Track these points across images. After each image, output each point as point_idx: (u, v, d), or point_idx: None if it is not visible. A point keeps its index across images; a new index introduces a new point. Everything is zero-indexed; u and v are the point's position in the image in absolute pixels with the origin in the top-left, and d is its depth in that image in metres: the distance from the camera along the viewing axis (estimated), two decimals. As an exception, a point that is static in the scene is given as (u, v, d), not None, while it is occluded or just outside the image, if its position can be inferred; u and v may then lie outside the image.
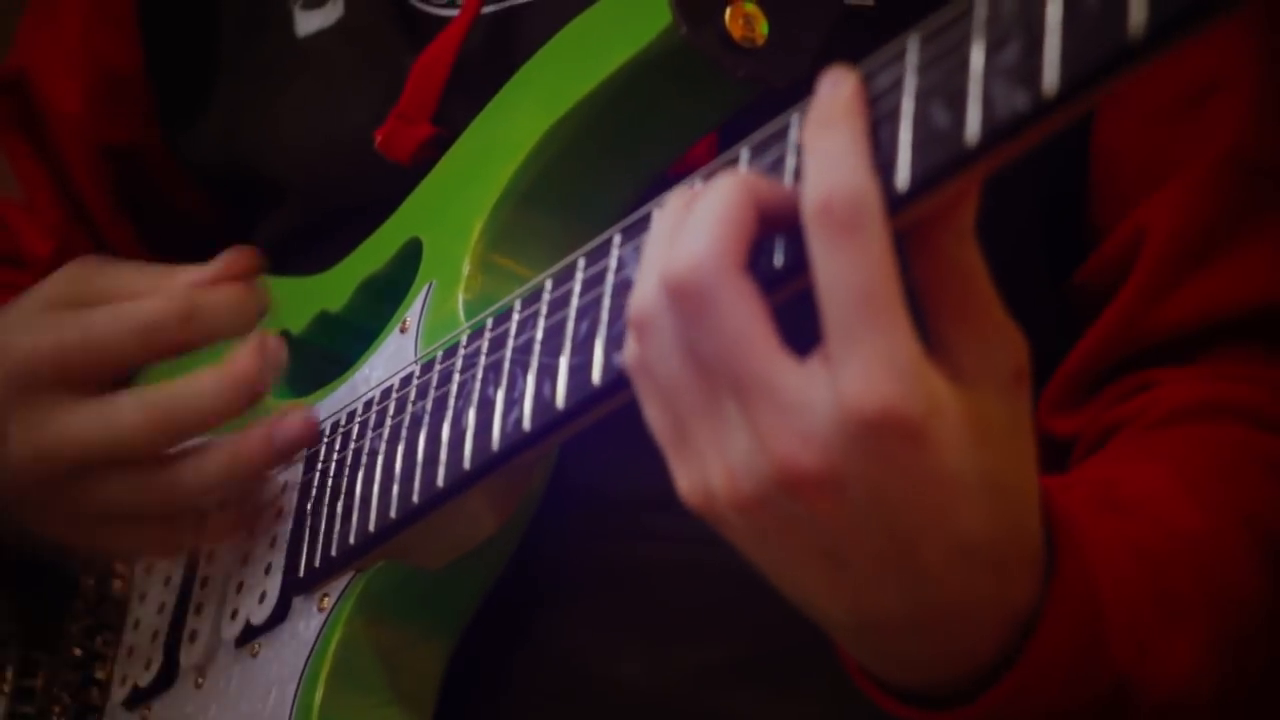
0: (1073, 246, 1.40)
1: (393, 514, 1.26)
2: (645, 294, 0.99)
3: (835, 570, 0.99)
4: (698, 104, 1.27)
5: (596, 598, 1.37)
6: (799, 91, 1.13)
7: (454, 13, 1.45)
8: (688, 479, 1.00)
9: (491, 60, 1.42)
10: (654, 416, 1.01)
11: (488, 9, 1.44)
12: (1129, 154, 1.38)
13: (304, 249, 1.52)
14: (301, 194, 1.54)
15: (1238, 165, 1.36)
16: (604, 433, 1.23)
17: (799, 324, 0.98)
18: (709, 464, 0.98)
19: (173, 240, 1.71)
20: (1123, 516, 1.17)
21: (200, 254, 1.67)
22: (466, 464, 1.20)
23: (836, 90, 0.98)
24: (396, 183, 1.42)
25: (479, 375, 1.22)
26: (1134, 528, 1.16)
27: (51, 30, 1.71)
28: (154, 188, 1.69)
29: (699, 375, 0.97)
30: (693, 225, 0.98)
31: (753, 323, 0.96)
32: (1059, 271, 1.41)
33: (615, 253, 1.14)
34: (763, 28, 1.24)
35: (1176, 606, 1.15)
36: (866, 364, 0.93)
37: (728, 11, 1.24)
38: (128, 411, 1.29)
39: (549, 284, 1.19)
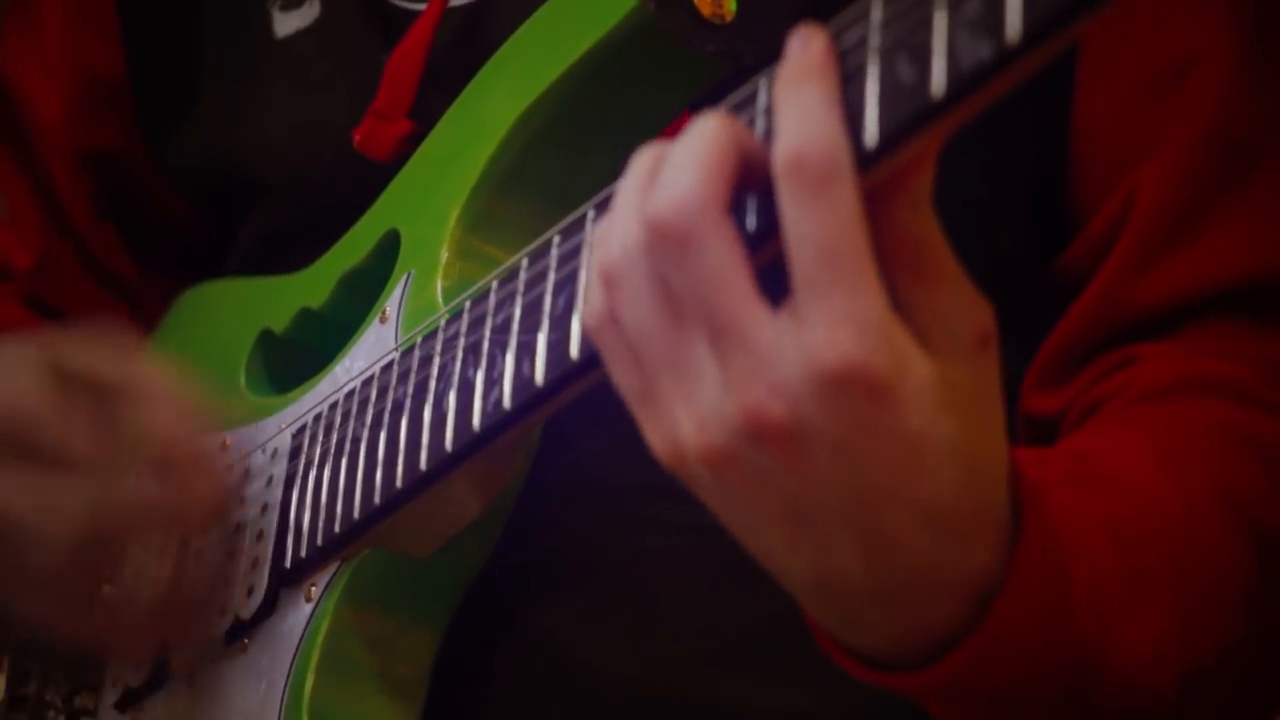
0: (1060, 229, 1.40)
1: (377, 500, 1.26)
2: (619, 242, 0.98)
3: (798, 528, 0.99)
4: (669, 83, 1.27)
5: (584, 587, 1.37)
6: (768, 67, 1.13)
7: (424, 6, 1.46)
8: (657, 434, 0.99)
9: (464, 52, 1.43)
10: (620, 373, 1.00)
11: (456, 1, 1.44)
12: (1110, 131, 1.38)
13: (288, 250, 1.52)
14: (283, 194, 1.54)
15: (1219, 140, 1.35)
16: (591, 420, 1.24)
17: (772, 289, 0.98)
18: (678, 416, 0.98)
19: (157, 247, 1.71)
20: (1096, 491, 1.16)
21: (183, 260, 1.68)
22: (448, 446, 1.21)
23: (808, 47, 0.98)
24: (377, 180, 1.43)
25: (459, 357, 1.22)
26: (1107, 503, 1.16)
27: (30, 36, 1.70)
28: (137, 194, 1.69)
29: (670, 321, 0.97)
30: (675, 165, 0.97)
31: (733, 265, 0.95)
32: (1048, 255, 1.40)
33: (590, 227, 1.14)
34: (731, 4, 1.24)
35: (1146, 585, 1.14)
36: (833, 320, 0.93)
37: (696, -12, 1.24)
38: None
39: (525, 262, 1.19)
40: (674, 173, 0.97)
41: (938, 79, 0.93)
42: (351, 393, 1.32)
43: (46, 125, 1.69)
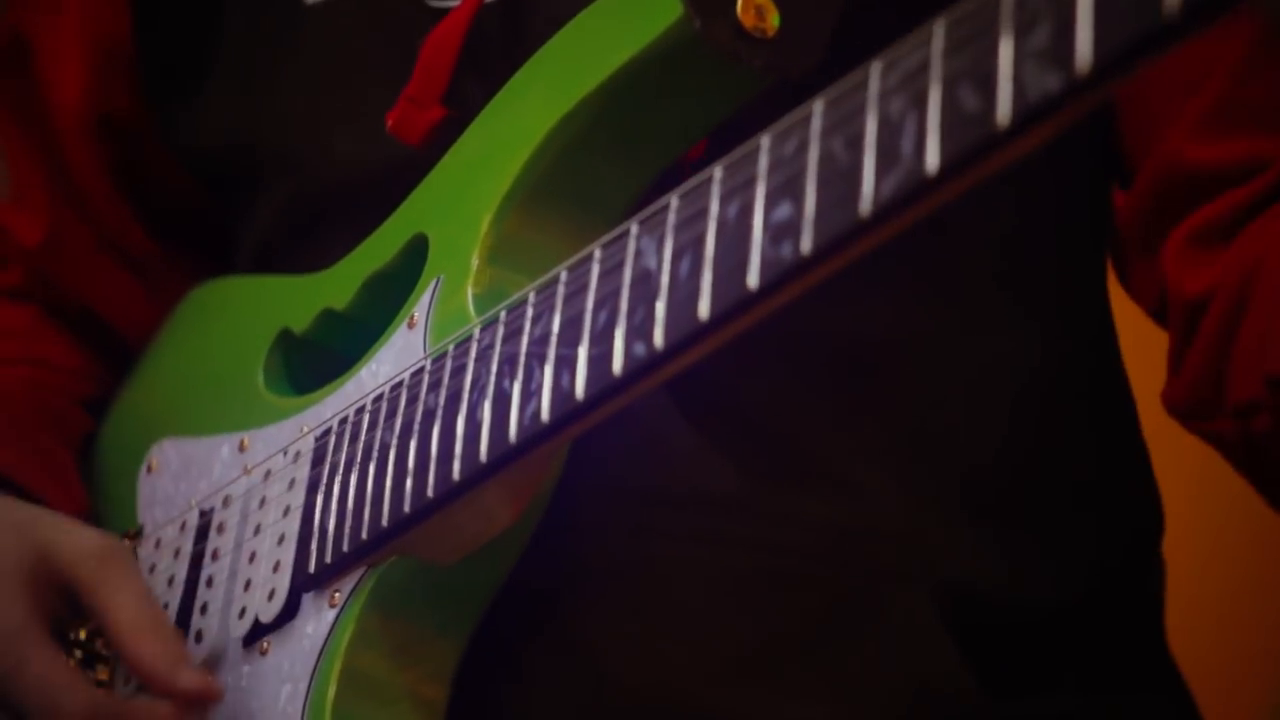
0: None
1: (407, 508, 1.25)
2: None
3: None
4: (708, 96, 1.27)
5: (604, 593, 1.37)
6: (805, 82, 1.13)
7: (455, 3, 1.44)
8: None
9: (501, 41, 1.41)
10: None
11: None
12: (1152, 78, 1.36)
13: (305, 233, 1.50)
14: (307, 170, 1.51)
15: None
16: (615, 428, 1.23)
17: None
18: None
19: (173, 221, 1.69)
20: None
21: (200, 235, 1.67)
22: (483, 457, 1.20)
23: None
24: (403, 163, 1.41)
25: (493, 368, 1.21)
26: None
27: (46, 4, 1.69)
28: (153, 166, 1.67)
29: None
30: None
31: None
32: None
33: (633, 244, 1.13)
34: (774, 19, 1.24)
35: None
36: None
37: (739, 3, 1.23)
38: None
39: (564, 275, 1.18)
40: None
41: (1003, 108, 0.93)
42: (379, 398, 1.32)
43: (64, 96, 1.66)
